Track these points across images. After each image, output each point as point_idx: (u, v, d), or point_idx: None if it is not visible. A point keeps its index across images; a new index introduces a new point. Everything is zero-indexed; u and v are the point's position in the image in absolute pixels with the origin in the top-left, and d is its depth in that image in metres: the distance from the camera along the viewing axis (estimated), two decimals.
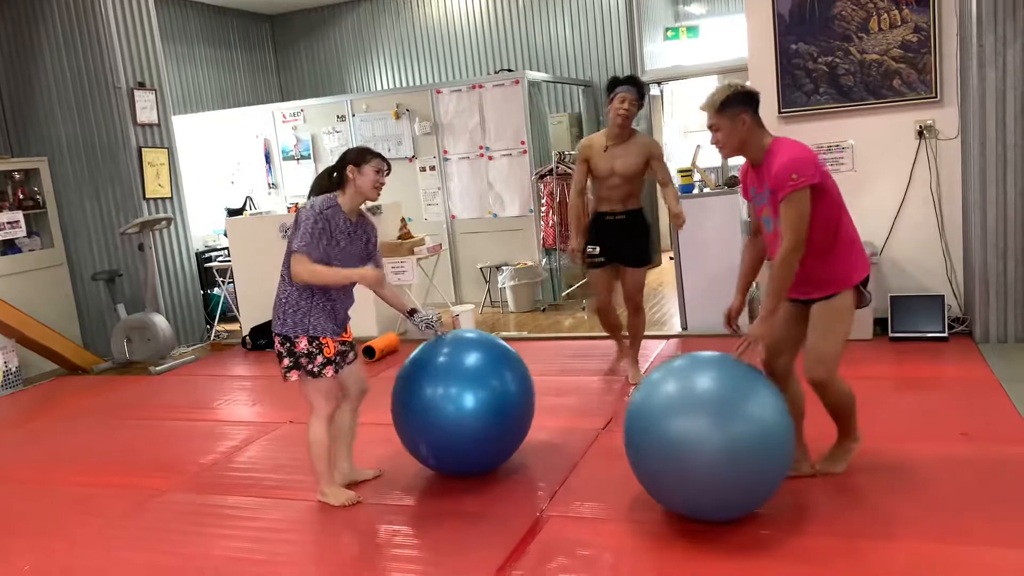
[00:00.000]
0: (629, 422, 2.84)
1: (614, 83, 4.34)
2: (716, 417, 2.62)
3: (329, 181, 3.24)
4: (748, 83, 2.93)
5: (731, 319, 3.14)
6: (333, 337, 3.22)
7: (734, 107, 2.83)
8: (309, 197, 3.25)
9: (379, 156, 3.21)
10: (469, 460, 3.36)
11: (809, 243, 2.80)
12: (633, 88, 4.28)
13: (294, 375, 3.19)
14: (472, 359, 3.29)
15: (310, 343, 3.16)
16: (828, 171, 2.89)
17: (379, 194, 3.21)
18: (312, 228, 3.08)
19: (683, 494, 2.75)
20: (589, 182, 4.51)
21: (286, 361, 3.19)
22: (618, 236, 4.44)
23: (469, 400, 3.18)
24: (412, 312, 3.40)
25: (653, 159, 4.32)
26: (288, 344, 3.17)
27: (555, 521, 3.03)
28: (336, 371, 3.23)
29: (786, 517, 2.85)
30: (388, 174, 3.24)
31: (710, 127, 2.89)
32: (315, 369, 3.17)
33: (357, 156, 3.18)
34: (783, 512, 2.88)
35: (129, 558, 3.08)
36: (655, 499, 2.90)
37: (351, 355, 3.37)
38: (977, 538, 2.60)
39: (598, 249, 4.45)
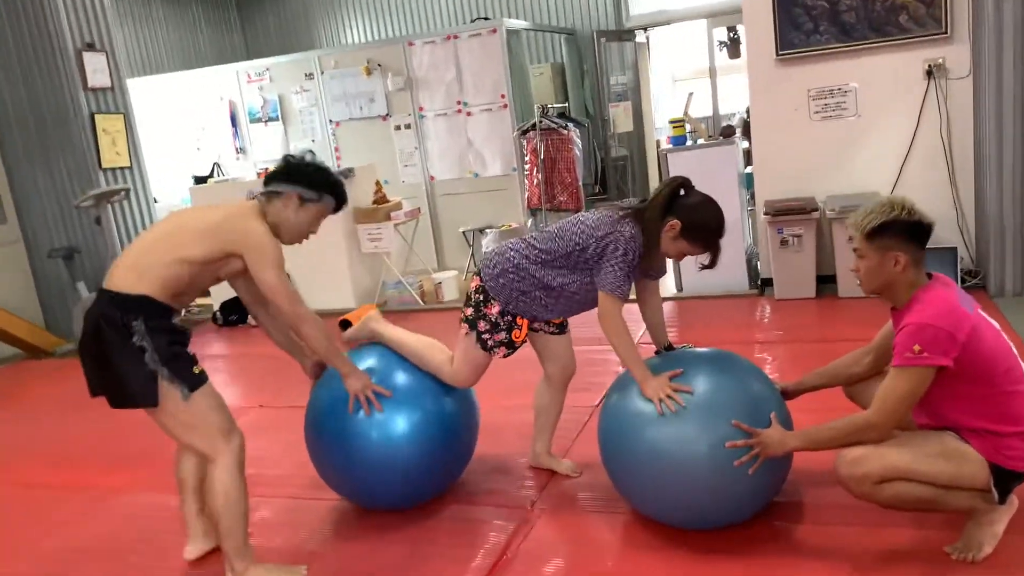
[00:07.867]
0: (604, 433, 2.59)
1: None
2: (701, 426, 2.32)
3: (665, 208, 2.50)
4: (910, 204, 2.18)
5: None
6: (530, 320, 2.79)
7: (888, 240, 2.14)
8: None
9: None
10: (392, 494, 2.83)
11: (943, 415, 2.22)
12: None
13: (464, 329, 2.77)
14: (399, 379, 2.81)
15: (502, 316, 2.72)
16: (976, 339, 2.13)
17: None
18: (623, 263, 2.51)
19: (662, 506, 2.50)
20: None
21: (469, 312, 2.77)
22: None
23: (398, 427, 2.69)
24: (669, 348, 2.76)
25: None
26: (482, 296, 2.74)
27: (547, 517, 2.75)
28: (507, 355, 2.80)
29: (799, 509, 2.59)
30: None
31: (854, 250, 2.24)
32: (488, 341, 2.74)
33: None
34: (795, 503, 2.62)
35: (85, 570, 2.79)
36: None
37: (551, 328, 2.95)
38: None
39: None
